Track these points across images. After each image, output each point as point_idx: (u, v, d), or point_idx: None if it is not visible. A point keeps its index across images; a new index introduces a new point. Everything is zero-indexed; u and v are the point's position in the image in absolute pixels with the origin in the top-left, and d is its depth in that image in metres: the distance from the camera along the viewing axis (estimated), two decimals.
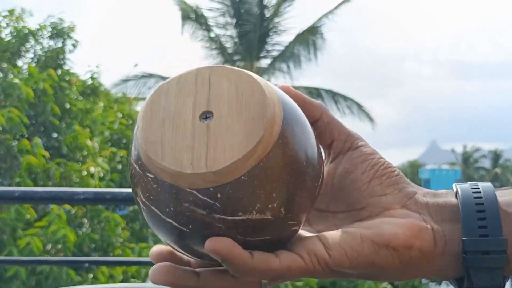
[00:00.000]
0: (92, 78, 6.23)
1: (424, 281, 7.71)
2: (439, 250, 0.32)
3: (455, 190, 0.34)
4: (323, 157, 0.35)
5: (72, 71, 6.00)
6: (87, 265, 4.28)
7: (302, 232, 0.34)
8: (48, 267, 4.14)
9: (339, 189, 0.35)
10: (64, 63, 5.98)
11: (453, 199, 0.34)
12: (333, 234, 0.32)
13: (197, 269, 0.32)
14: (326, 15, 11.98)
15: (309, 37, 12.01)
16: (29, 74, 5.15)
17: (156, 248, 0.34)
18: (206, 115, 0.30)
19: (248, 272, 0.30)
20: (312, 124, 0.34)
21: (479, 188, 0.34)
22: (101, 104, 6.33)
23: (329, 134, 0.36)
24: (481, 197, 0.33)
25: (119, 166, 5.96)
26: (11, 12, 5.64)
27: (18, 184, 4.39)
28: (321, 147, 0.35)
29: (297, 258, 0.31)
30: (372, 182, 0.34)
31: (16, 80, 4.93)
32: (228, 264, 0.29)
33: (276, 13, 12.21)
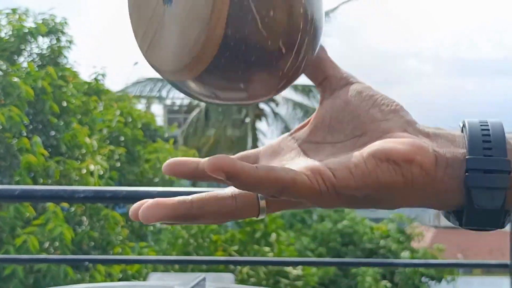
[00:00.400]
0: (96, 79, 6.23)
1: (423, 279, 7.70)
2: (441, 170, 0.31)
3: (461, 124, 0.34)
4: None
5: (73, 70, 6.00)
6: (87, 263, 4.27)
7: (300, 159, 0.35)
8: (45, 265, 4.13)
9: (337, 122, 0.35)
10: (61, 60, 5.98)
11: (457, 132, 0.33)
12: (336, 158, 0.31)
13: (189, 196, 0.32)
14: (327, 13, 11.99)
15: None
16: (28, 72, 5.15)
17: (169, 161, 0.36)
18: None
19: (255, 184, 0.28)
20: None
21: (487, 122, 0.33)
22: (101, 103, 6.33)
23: (322, 71, 0.35)
24: (488, 128, 0.32)
25: (118, 164, 5.95)
26: (14, 10, 5.63)
27: (17, 183, 4.38)
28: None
29: (302, 174, 0.29)
30: (372, 110, 0.34)
31: (16, 79, 4.92)
32: (234, 179, 0.28)
33: None
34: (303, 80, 0.35)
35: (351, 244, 7.71)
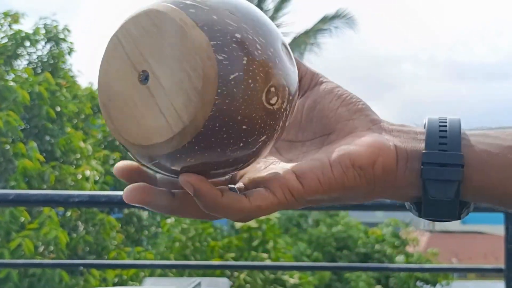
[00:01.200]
0: (92, 85, 6.23)
1: (418, 284, 7.72)
2: (401, 167, 0.33)
3: (424, 121, 0.36)
4: None
5: (71, 75, 6.00)
6: (81, 268, 4.26)
7: (274, 163, 0.36)
8: (40, 270, 4.12)
9: (308, 121, 0.36)
10: (60, 67, 5.98)
11: (420, 129, 0.35)
12: (304, 164, 0.33)
13: (173, 190, 0.33)
14: (322, 21, 12.04)
15: (305, 40, 12.07)
16: (25, 77, 5.15)
17: (123, 164, 0.34)
18: (145, 76, 0.30)
19: (218, 209, 0.31)
20: None
21: (446, 118, 0.35)
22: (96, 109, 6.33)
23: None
24: (445, 124, 0.34)
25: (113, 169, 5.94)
26: (5, 14, 5.63)
27: (12, 188, 4.38)
28: None
29: (269, 195, 0.32)
30: (339, 109, 0.35)
31: (12, 83, 4.92)
32: (198, 199, 0.30)
33: (273, 17, 12.26)
34: None
35: (345, 248, 7.72)
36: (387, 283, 7.59)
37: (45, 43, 5.91)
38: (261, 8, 12.12)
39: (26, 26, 5.84)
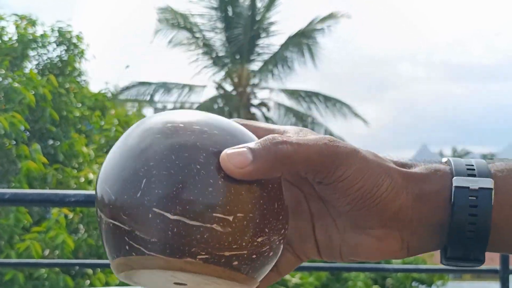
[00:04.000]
0: (102, 94, 6.27)
1: (414, 284, 7.79)
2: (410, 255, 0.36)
3: (449, 183, 0.33)
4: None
5: (81, 81, 6.03)
6: (77, 268, 4.29)
7: None
8: (45, 273, 4.16)
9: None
10: (70, 71, 6.01)
11: (442, 193, 0.33)
12: (325, 241, 0.36)
13: None
14: (321, 20, 12.04)
15: (302, 40, 12.08)
16: (29, 78, 5.17)
17: None
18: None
19: None
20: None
21: (475, 174, 0.33)
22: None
23: (298, 173, 0.33)
24: (475, 199, 0.32)
25: None
26: (22, 17, 5.67)
27: None
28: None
29: (296, 262, 0.37)
30: (351, 212, 0.34)
31: (16, 84, 4.93)
32: None
33: (266, 17, 12.27)
34: (295, 85, 0.36)
35: None
36: (384, 283, 7.66)
37: (57, 45, 5.91)
38: (254, 7, 12.07)
39: (37, 29, 5.85)
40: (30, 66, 5.90)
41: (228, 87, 12.28)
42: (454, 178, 0.33)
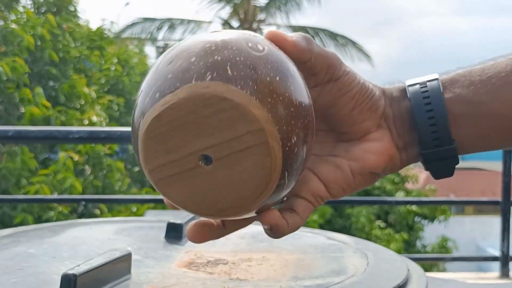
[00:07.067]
0: (100, 30, 6.10)
1: (417, 219, 7.94)
2: (403, 162, 0.40)
3: (408, 94, 0.39)
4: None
5: (77, 19, 5.86)
6: (83, 203, 4.38)
7: None
8: (54, 215, 4.24)
9: (321, 114, 0.39)
10: (67, 10, 5.82)
11: (408, 104, 0.39)
12: (329, 171, 0.38)
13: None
14: None
15: None
16: (27, 19, 5.02)
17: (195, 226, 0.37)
18: (206, 158, 0.30)
19: (285, 235, 0.36)
20: (302, 62, 0.37)
21: (427, 90, 0.38)
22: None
23: (312, 69, 0.37)
24: (429, 103, 0.38)
25: (117, 114, 5.95)
26: None
27: None
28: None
29: (308, 205, 0.37)
30: (353, 112, 0.38)
31: (14, 25, 4.81)
32: (273, 232, 0.35)
33: None
34: (301, 21, 0.38)
35: None
36: (386, 219, 7.81)
37: None
38: None
39: None
40: (24, 4, 5.72)
41: (234, 23, 12.01)
42: (407, 82, 0.40)
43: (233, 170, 0.30)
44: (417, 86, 0.39)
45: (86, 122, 4.92)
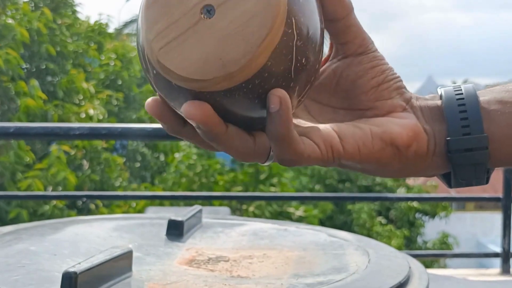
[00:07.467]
0: (99, 24, 6.07)
1: (418, 215, 7.94)
2: (430, 151, 0.35)
3: (439, 93, 0.37)
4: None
5: (75, 14, 5.84)
6: (84, 199, 4.39)
7: (307, 123, 0.36)
8: (50, 210, 4.24)
9: (344, 89, 0.37)
10: (64, 5, 5.80)
11: (439, 101, 0.36)
12: (347, 128, 0.34)
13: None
14: None
15: None
16: (23, 13, 5.00)
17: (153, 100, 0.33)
18: (207, 9, 0.29)
19: (290, 132, 0.31)
20: (330, 20, 0.35)
21: (461, 89, 0.36)
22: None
23: (345, 36, 0.36)
24: (463, 98, 0.35)
25: (116, 109, 5.95)
26: None
27: None
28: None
29: (315, 148, 0.32)
30: (381, 87, 0.36)
31: (10, 20, 4.79)
32: (282, 110, 0.30)
33: None
34: None
35: (347, 181, 7.87)
36: (387, 215, 7.82)
37: None
38: None
39: None
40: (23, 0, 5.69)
41: None
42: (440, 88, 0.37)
43: (235, 15, 0.29)
44: (450, 87, 0.37)
45: (83, 115, 4.90)
